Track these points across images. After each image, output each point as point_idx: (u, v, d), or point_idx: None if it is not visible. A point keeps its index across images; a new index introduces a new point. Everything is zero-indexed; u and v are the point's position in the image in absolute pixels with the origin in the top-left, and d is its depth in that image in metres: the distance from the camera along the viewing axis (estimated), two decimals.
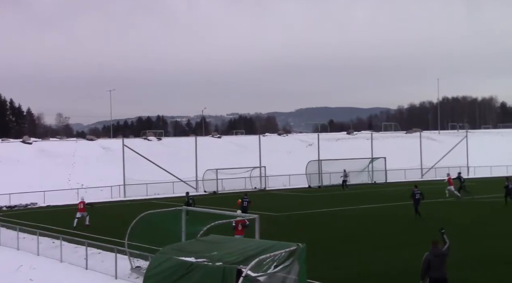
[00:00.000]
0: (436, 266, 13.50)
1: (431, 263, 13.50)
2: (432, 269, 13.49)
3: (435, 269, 13.50)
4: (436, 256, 13.58)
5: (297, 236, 23.28)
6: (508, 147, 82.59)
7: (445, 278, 13.58)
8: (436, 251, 13.69)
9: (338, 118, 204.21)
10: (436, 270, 13.50)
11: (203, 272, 12.28)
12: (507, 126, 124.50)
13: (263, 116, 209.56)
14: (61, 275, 19.96)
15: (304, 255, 12.53)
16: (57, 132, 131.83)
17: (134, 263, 19.55)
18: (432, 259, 13.53)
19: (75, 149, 67.94)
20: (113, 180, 51.66)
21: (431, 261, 13.51)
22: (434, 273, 13.49)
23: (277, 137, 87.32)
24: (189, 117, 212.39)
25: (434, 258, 13.54)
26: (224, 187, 54.08)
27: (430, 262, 13.50)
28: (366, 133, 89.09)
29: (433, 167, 65.99)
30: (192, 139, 63.19)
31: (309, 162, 58.92)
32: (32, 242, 25.02)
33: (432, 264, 13.48)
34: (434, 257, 13.55)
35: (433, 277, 13.52)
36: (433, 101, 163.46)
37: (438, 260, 13.53)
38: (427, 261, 13.54)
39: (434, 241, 14.01)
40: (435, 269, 13.50)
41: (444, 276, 13.58)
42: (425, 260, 13.61)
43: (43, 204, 45.61)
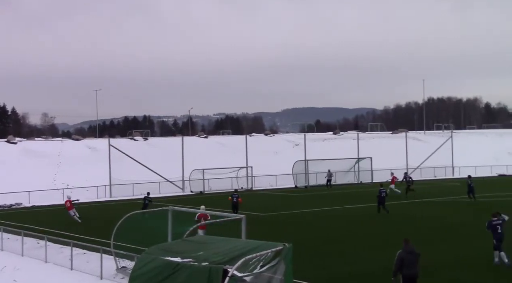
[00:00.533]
0: (409, 264, 13.88)
1: (404, 260, 13.88)
2: (405, 266, 13.86)
3: (408, 266, 13.88)
4: (409, 253, 13.98)
5: (283, 236, 23.33)
6: (492, 147, 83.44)
7: (416, 275, 13.97)
8: (408, 248, 14.09)
9: (325, 118, 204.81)
10: (409, 267, 13.89)
11: (189, 272, 12.26)
12: (491, 126, 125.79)
13: (250, 117, 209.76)
14: (45, 275, 19.81)
15: (290, 255, 12.55)
16: (42, 132, 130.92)
17: (120, 264, 19.46)
18: (405, 257, 13.92)
19: (60, 149, 67.48)
20: (99, 180, 51.39)
21: (404, 259, 13.90)
22: (407, 270, 13.88)
23: (263, 138, 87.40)
24: (175, 117, 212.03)
25: (407, 255, 13.94)
26: (210, 187, 54.01)
27: (403, 260, 13.88)
28: (353, 133, 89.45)
29: (418, 167, 66.41)
30: (178, 139, 63.05)
31: (296, 162, 59.05)
32: (17, 242, 24.81)
33: (405, 262, 13.86)
34: (407, 254, 13.95)
35: (406, 274, 13.91)
36: (418, 102, 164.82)
37: (411, 257, 13.94)
38: (401, 258, 13.93)
39: (406, 239, 14.43)
40: (408, 266, 13.88)
41: (416, 273, 13.97)
42: (399, 257, 13.99)
43: (28, 204, 45.25)
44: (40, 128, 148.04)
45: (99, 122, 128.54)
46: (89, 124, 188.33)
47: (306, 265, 19.08)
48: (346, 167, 59.94)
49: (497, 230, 18.58)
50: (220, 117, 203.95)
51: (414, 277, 14.02)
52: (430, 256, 20.56)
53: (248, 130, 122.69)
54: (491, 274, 17.86)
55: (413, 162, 67.11)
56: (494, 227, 18.67)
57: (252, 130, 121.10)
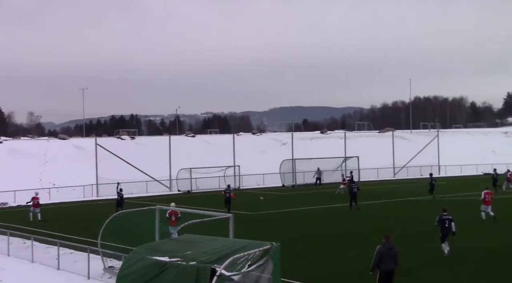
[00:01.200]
0: (387, 259, 14.22)
1: (383, 255, 14.22)
2: (384, 261, 14.19)
3: (386, 262, 14.22)
4: (389, 249, 14.33)
5: (271, 235, 23.41)
6: (478, 146, 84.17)
7: (393, 270, 14.34)
8: (389, 244, 14.44)
9: (312, 117, 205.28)
10: (387, 262, 14.23)
11: (177, 271, 12.26)
12: (476, 126, 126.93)
13: (237, 116, 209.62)
14: (32, 275, 19.70)
15: (278, 254, 12.60)
16: (28, 131, 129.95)
17: (107, 263, 19.40)
18: (384, 252, 14.26)
19: (46, 148, 67.04)
20: (86, 179, 51.12)
21: (383, 254, 14.23)
22: (385, 266, 14.22)
23: (251, 137, 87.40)
24: (163, 116, 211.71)
25: (387, 251, 14.29)
26: (198, 186, 53.95)
27: (382, 255, 14.21)
28: (340, 132, 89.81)
29: (405, 166, 66.80)
30: (166, 138, 62.88)
31: (283, 161, 59.14)
32: (3, 242, 24.64)
33: (384, 257, 14.20)
34: (387, 250, 14.30)
35: (383, 269, 14.25)
36: (405, 101, 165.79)
37: (390, 253, 14.29)
38: (380, 254, 14.25)
39: (386, 235, 14.80)
40: (386, 261, 14.22)
41: (393, 268, 14.33)
42: (378, 253, 14.31)
43: (14, 204, 44.90)
44: (26, 127, 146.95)
45: (85, 121, 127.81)
46: (75, 124, 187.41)
47: (294, 264, 19.14)
48: (333, 166, 60.09)
49: (445, 224, 20.17)
50: (207, 116, 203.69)
51: (391, 272, 14.35)
52: (414, 254, 20.74)
53: (235, 130, 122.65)
54: (472, 272, 18.04)
55: (399, 161, 67.52)
56: (443, 221, 20.24)
57: (240, 130, 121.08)
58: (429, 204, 37.64)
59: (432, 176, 42.95)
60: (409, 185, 44.70)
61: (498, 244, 22.71)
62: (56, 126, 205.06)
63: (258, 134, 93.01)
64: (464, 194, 41.99)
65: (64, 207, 42.60)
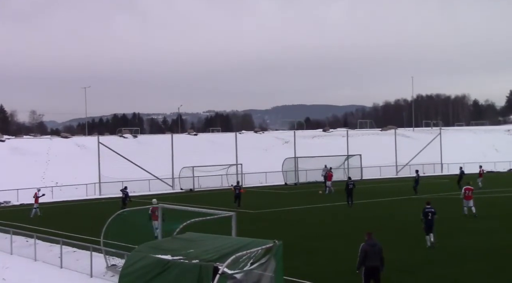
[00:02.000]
0: (371, 256, 14.44)
1: (368, 252, 14.43)
2: (368, 258, 14.42)
3: (370, 258, 14.44)
4: (372, 246, 14.54)
5: (273, 233, 23.42)
6: (480, 144, 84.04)
7: (377, 267, 14.51)
8: (372, 241, 14.65)
9: (314, 116, 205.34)
10: (372, 259, 14.45)
11: (179, 269, 12.26)
12: (479, 123, 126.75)
13: (239, 114, 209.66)
14: (35, 274, 19.73)
15: (281, 252, 12.59)
16: (30, 130, 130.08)
17: (110, 261, 19.41)
18: (368, 249, 14.48)
19: (49, 147, 67.11)
20: (88, 178, 51.19)
21: (367, 251, 14.45)
22: (369, 262, 14.45)
23: (253, 135, 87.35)
24: (165, 114, 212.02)
25: (370, 248, 14.49)
26: (200, 184, 53.98)
27: (366, 252, 14.43)
28: (342, 130, 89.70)
29: (407, 164, 66.71)
30: (168, 136, 62.88)
31: (286, 159, 59.13)
32: (6, 241, 24.67)
33: (368, 254, 14.41)
34: (370, 247, 14.51)
35: (368, 266, 14.48)
36: (407, 99, 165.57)
37: (374, 250, 14.50)
38: (364, 251, 14.48)
39: (368, 232, 15.02)
40: (370, 258, 14.44)
41: (377, 265, 14.50)
42: (362, 250, 14.53)
43: (17, 202, 45.00)
44: (28, 126, 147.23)
45: (88, 120, 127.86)
46: (78, 122, 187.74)
47: (296, 262, 19.14)
48: (335, 164, 60.06)
49: (428, 216, 21.54)
50: (209, 114, 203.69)
51: (376, 269, 14.53)
52: (416, 253, 20.74)
53: (237, 128, 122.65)
54: (473, 271, 18.03)
55: (402, 159, 67.43)
56: (426, 214, 21.66)
57: (242, 128, 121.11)
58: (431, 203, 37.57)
59: (417, 172, 43.89)
60: (411, 183, 44.56)
61: (499, 242, 22.67)
62: (58, 125, 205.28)
63: (260, 133, 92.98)
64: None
65: (66, 205, 42.67)
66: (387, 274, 17.76)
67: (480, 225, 26.95)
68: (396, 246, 22.46)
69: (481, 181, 46.67)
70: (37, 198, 35.68)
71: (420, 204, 36.32)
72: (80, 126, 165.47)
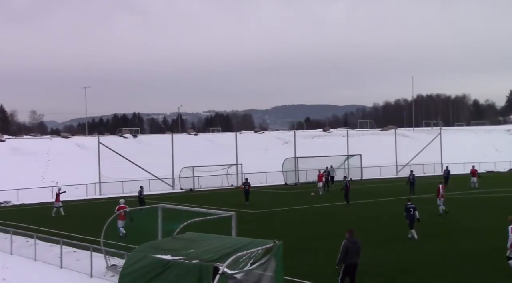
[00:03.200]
0: (352, 253, 14.89)
1: (349, 249, 14.85)
2: (348, 255, 14.84)
3: (351, 255, 14.88)
4: (353, 243, 14.98)
5: (273, 233, 23.41)
6: (481, 144, 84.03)
7: (356, 263, 15.02)
8: (353, 238, 15.10)
9: (314, 116, 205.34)
10: (352, 256, 14.91)
11: (179, 269, 12.26)
12: (479, 123, 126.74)
13: (240, 114, 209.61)
14: (35, 274, 19.72)
15: (281, 252, 12.58)
16: (31, 130, 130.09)
17: (110, 261, 19.41)
18: (350, 246, 14.89)
19: (49, 147, 67.10)
20: (89, 178, 51.17)
21: (349, 248, 14.87)
22: (349, 259, 14.89)
23: (253, 135, 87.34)
24: (165, 114, 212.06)
25: (351, 245, 14.92)
26: (200, 184, 53.98)
27: (348, 249, 14.84)
28: (342, 130, 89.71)
29: (408, 164, 66.66)
30: (168, 136, 62.87)
31: (286, 159, 59.12)
32: (6, 240, 24.66)
33: (349, 251, 14.84)
34: (351, 244, 14.94)
35: (348, 263, 14.91)
36: (407, 99, 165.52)
37: (354, 247, 14.96)
38: (346, 248, 14.89)
39: (350, 229, 15.48)
40: (351, 255, 14.87)
41: (356, 261, 15.01)
42: (344, 247, 14.94)
43: (17, 202, 44.99)
44: (28, 126, 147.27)
45: (88, 120, 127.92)
46: (78, 122, 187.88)
47: (296, 262, 19.13)
48: (336, 164, 60.10)
49: (410, 212, 23.54)
50: (209, 114, 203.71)
51: (355, 265, 15.00)
52: (416, 253, 20.74)
53: (238, 128, 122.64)
54: (473, 271, 18.03)
55: (402, 159, 67.42)
56: (408, 210, 23.67)
57: (242, 128, 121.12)
58: (430, 203, 37.59)
59: (412, 172, 44.37)
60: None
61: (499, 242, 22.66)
62: (58, 125, 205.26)
63: (260, 133, 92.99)
64: (465, 192, 41.91)
65: (66, 205, 42.60)
66: (387, 274, 17.82)
67: (480, 225, 26.95)
68: (396, 246, 22.49)
69: (477, 180, 46.48)
70: (58, 196, 35.43)
71: (421, 204, 36.41)
72: (80, 126, 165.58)
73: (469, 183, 46.52)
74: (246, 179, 40.56)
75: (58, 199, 35.47)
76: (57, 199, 35.48)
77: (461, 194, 41.63)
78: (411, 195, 40.26)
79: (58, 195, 35.63)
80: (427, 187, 43.70)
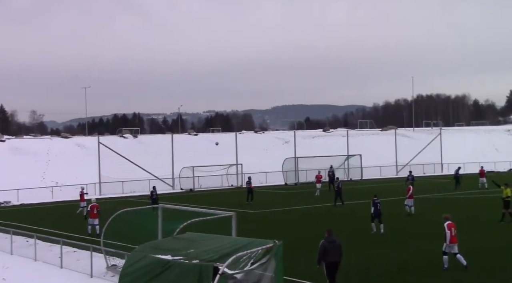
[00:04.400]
0: (331, 252, 15.21)
1: (327, 249, 15.19)
2: (327, 254, 15.16)
3: (330, 254, 15.19)
4: (331, 242, 15.30)
5: (273, 233, 23.39)
6: (481, 144, 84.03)
7: (337, 262, 15.31)
8: (330, 238, 15.43)
9: (314, 116, 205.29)
10: (331, 255, 15.22)
11: (179, 269, 12.26)
12: (479, 123, 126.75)
13: (240, 114, 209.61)
14: (35, 274, 19.72)
15: (281, 252, 12.58)
16: (31, 130, 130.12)
17: (110, 262, 19.41)
18: (327, 245, 15.23)
19: (49, 147, 67.10)
20: (89, 178, 51.12)
21: (326, 247, 15.20)
22: (329, 258, 15.21)
23: (253, 135, 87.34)
24: (165, 114, 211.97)
25: (329, 244, 15.24)
26: (200, 184, 53.97)
27: (326, 248, 15.19)
28: (342, 130, 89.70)
29: (408, 164, 66.67)
30: (168, 136, 62.88)
31: (286, 159, 59.11)
32: (6, 241, 24.66)
33: (327, 250, 15.16)
34: (329, 244, 15.26)
35: (328, 261, 15.24)
36: (407, 99, 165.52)
37: (332, 246, 15.26)
38: (323, 247, 15.24)
39: (328, 229, 15.86)
40: (330, 254, 15.19)
41: (337, 260, 15.30)
42: (321, 246, 15.29)
43: (17, 202, 44.99)
44: (28, 126, 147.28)
45: (88, 120, 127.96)
46: (78, 122, 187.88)
47: (296, 262, 19.13)
48: (336, 164, 60.09)
49: (377, 207, 25.33)
50: (210, 114, 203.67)
51: (336, 264, 15.29)
52: (417, 253, 20.73)
53: (238, 128, 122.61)
54: (475, 270, 18.02)
55: (402, 159, 67.40)
56: (375, 204, 25.45)
57: (242, 128, 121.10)
58: (430, 203, 37.61)
59: (411, 173, 44.07)
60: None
61: (499, 242, 22.67)
62: (58, 125, 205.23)
63: (260, 133, 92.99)
64: (466, 192, 41.90)
65: (66, 205, 42.63)
66: (387, 274, 17.82)
67: (480, 225, 26.95)
68: (396, 246, 22.50)
69: (485, 180, 45.79)
70: (83, 195, 35.09)
71: (420, 205, 36.43)
72: (80, 126, 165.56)
73: (478, 183, 46.06)
74: (249, 178, 41.11)
75: (83, 199, 34.96)
76: (81, 199, 34.94)
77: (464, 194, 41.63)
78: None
79: (82, 194, 35.22)
80: (429, 187, 43.79)
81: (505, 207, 27.61)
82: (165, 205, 20.10)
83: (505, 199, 27.61)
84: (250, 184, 40.15)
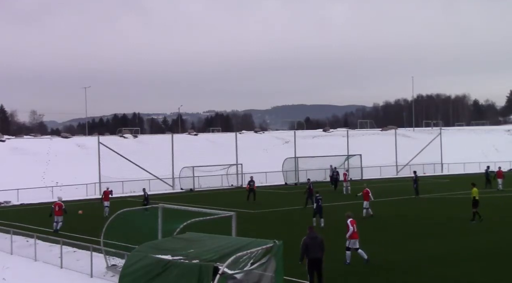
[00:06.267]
0: (312, 248, 15.31)
1: (309, 245, 15.28)
2: (309, 250, 15.26)
3: (312, 251, 15.28)
4: (312, 239, 15.41)
5: (273, 233, 23.39)
6: (481, 144, 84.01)
7: (320, 258, 15.43)
8: (312, 234, 15.57)
9: (314, 116, 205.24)
10: (313, 251, 15.32)
11: (179, 269, 12.25)
12: (479, 123, 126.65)
13: (240, 114, 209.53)
14: (35, 274, 19.72)
15: (281, 252, 12.58)
16: (31, 130, 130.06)
17: (110, 262, 19.40)
18: (309, 242, 15.32)
19: (49, 147, 67.10)
20: (89, 178, 51.16)
21: (308, 244, 15.30)
22: (311, 254, 15.31)
23: (253, 135, 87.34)
24: (165, 114, 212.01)
25: (311, 241, 15.34)
26: (200, 184, 53.96)
27: (307, 245, 15.28)
28: (342, 130, 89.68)
29: (408, 164, 66.71)
30: (168, 136, 62.87)
31: (286, 159, 59.09)
32: (6, 241, 24.66)
33: (309, 247, 15.26)
34: (311, 240, 15.36)
35: (311, 257, 15.34)
36: (407, 99, 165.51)
37: (314, 242, 15.37)
38: (305, 244, 15.34)
39: (310, 226, 16.24)
40: (312, 250, 15.28)
41: (319, 256, 15.42)
42: (303, 243, 15.40)
43: (17, 202, 44.99)
44: (28, 126, 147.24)
45: (88, 120, 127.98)
46: (78, 122, 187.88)
47: (296, 262, 19.09)
48: (336, 164, 60.05)
49: (319, 202, 27.26)
50: (209, 114, 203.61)
51: (319, 260, 15.41)
52: (417, 252, 20.72)
53: (238, 128, 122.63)
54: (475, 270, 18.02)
55: (402, 159, 67.41)
56: (318, 201, 27.45)
57: (242, 128, 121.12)
58: (430, 203, 37.61)
59: (415, 173, 42.43)
60: (411, 183, 44.62)
61: (500, 242, 22.65)
62: (58, 125, 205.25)
63: (260, 133, 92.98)
64: (466, 192, 41.80)
65: (66, 205, 42.54)
66: (387, 274, 17.81)
67: (480, 225, 26.93)
68: (396, 246, 22.49)
69: (502, 182, 44.46)
70: (107, 195, 35.21)
71: (420, 204, 36.46)
72: (80, 126, 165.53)
73: (497, 185, 45.07)
74: (251, 177, 41.77)
75: (107, 198, 35.03)
76: (106, 198, 35.00)
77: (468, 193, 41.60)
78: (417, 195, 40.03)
79: (107, 194, 35.24)
80: (429, 187, 43.78)
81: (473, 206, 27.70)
82: (165, 205, 20.05)
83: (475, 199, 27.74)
84: (251, 185, 40.64)
